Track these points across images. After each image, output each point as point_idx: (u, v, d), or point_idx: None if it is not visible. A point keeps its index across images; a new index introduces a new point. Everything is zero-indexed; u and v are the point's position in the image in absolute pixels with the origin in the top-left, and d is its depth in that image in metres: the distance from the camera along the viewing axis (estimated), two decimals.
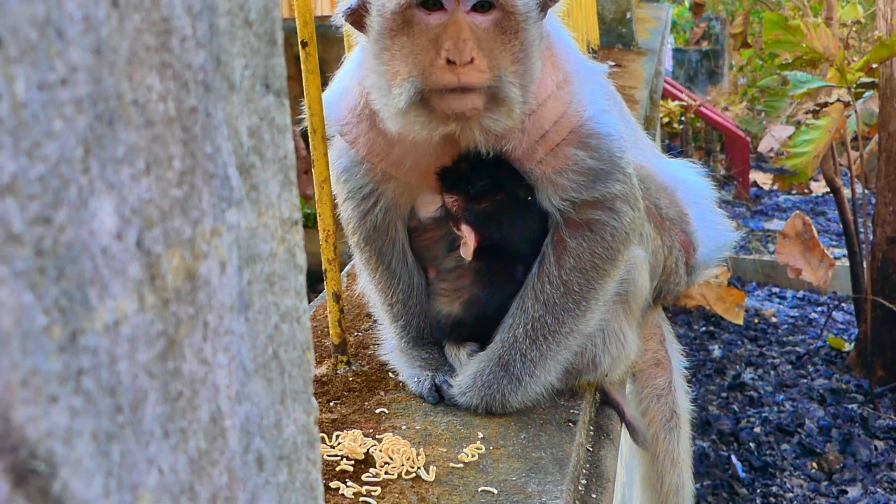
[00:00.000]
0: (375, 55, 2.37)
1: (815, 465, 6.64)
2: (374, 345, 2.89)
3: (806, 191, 12.67)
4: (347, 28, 2.49)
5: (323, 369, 2.78)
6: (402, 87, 2.32)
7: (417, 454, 2.30)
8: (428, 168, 2.55)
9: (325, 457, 2.29)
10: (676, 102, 11.88)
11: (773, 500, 6.31)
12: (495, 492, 2.18)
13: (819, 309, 9.38)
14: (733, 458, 6.70)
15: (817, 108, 7.21)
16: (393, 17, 2.32)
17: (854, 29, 7.58)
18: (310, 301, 3.18)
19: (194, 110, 0.83)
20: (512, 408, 2.53)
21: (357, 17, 2.40)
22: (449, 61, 2.26)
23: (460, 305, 2.66)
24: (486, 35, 2.31)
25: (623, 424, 2.86)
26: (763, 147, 13.25)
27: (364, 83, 2.46)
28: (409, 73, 2.31)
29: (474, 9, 2.30)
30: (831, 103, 7.05)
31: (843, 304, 9.15)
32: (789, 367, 8.07)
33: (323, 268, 2.71)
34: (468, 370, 2.57)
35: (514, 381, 2.52)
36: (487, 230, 2.55)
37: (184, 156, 0.82)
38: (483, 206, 2.54)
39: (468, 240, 2.54)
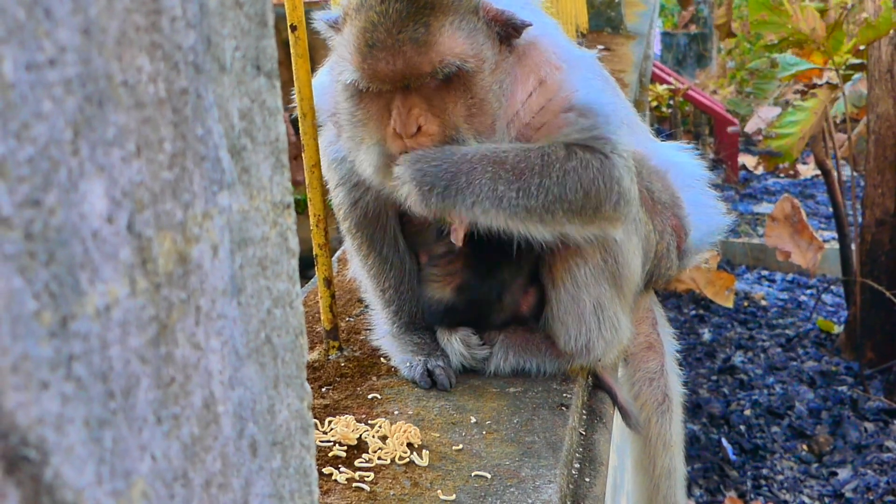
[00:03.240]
0: (348, 114, 2.45)
1: (805, 447, 6.67)
2: (366, 330, 2.89)
3: (791, 173, 12.68)
4: (328, 34, 2.48)
5: (315, 355, 2.77)
6: (367, 153, 2.42)
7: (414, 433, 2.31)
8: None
9: (317, 442, 2.28)
10: (665, 86, 11.87)
11: (763, 482, 6.34)
12: (489, 476, 2.18)
13: (808, 292, 9.41)
14: (724, 440, 6.72)
15: (805, 90, 7.21)
16: (348, 87, 2.39)
17: (843, 11, 7.57)
18: (301, 286, 3.17)
19: (185, 92, 0.82)
20: (443, 203, 2.36)
21: (338, 29, 2.42)
22: (397, 132, 2.34)
23: (452, 291, 2.66)
24: (436, 95, 2.34)
25: (615, 408, 2.86)
26: (750, 128, 13.25)
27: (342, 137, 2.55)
28: (372, 140, 2.40)
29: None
30: (820, 85, 7.06)
31: (832, 287, 9.18)
32: (779, 349, 8.09)
33: (314, 253, 2.70)
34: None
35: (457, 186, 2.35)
36: None
37: (174, 138, 0.81)
38: None
39: (457, 226, 2.54)
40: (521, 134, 2.44)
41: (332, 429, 2.35)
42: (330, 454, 2.27)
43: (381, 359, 2.75)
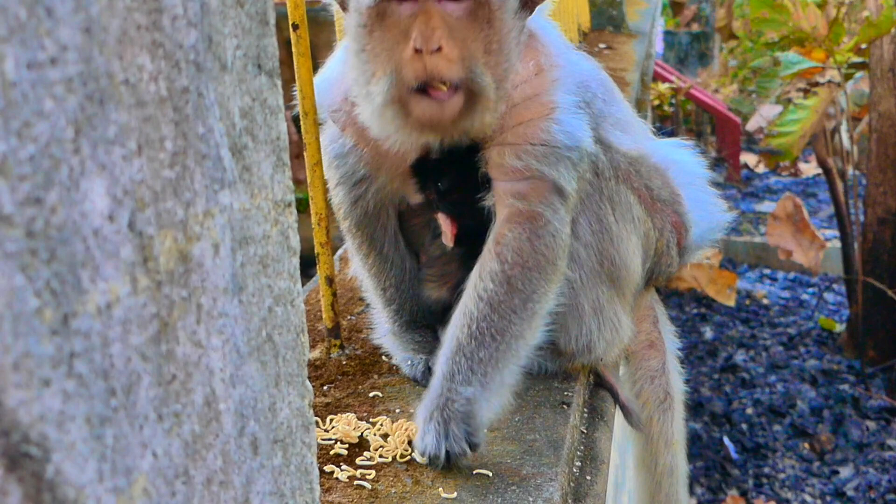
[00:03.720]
0: (355, 53, 2.32)
1: (806, 445, 6.66)
2: (368, 328, 2.89)
3: (793, 171, 12.68)
4: (336, 9, 2.46)
5: (316, 353, 2.77)
6: (377, 86, 2.26)
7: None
8: (414, 154, 2.53)
9: (319, 440, 2.28)
10: (667, 85, 11.86)
11: (765, 480, 6.34)
12: (490, 474, 2.18)
13: (810, 290, 9.40)
14: (726, 439, 6.72)
15: (807, 88, 7.21)
16: (368, 11, 2.27)
17: (843, 9, 7.57)
18: (303, 285, 3.17)
19: (186, 90, 0.82)
20: (479, 425, 2.24)
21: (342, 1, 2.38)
22: (417, 50, 2.20)
23: (448, 291, 2.66)
24: (458, 24, 2.26)
25: (617, 406, 2.86)
26: (752, 126, 13.25)
27: (348, 80, 2.43)
28: (384, 72, 2.25)
29: None
30: (822, 84, 7.06)
31: (834, 286, 9.17)
32: (781, 348, 8.09)
33: (315, 252, 2.70)
34: (418, 423, 2.28)
35: (471, 396, 2.26)
36: (461, 219, 2.55)
37: (175, 136, 0.81)
38: (454, 197, 2.54)
39: (445, 228, 2.55)
40: (507, 120, 2.41)
41: (333, 427, 2.35)
42: (331, 452, 2.27)
43: (383, 357, 2.75)
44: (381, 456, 2.25)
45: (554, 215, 2.41)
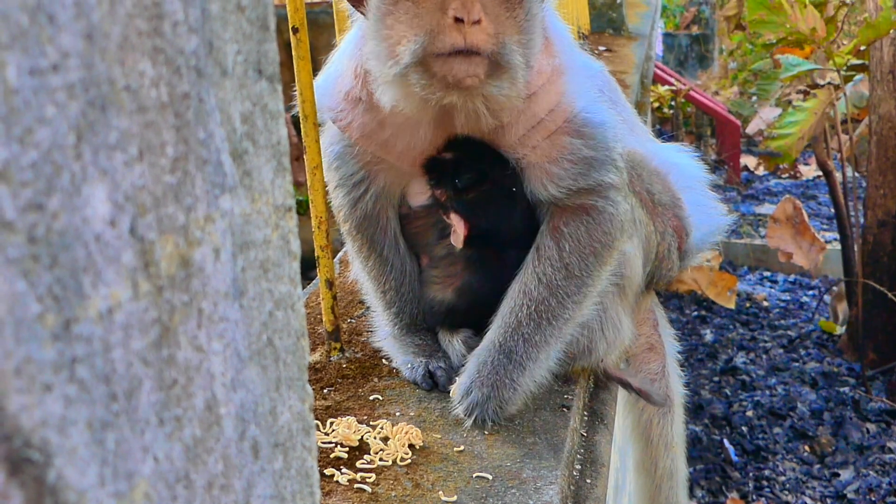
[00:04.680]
0: (378, 19, 2.31)
1: (807, 448, 6.66)
2: (368, 332, 2.89)
3: (793, 173, 12.68)
4: (343, 7, 2.46)
5: (316, 356, 2.78)
6: (405, 47, 2.26)
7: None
8: (419, 151, 2.53)
9: (319, 444, 2.29)
10: (667, 87, 11.87)
11: (765, 483, 6.33)
12: (490, 477, 2.18)
13: (810, 292, 9.40)
14: (726, 442, 6.72)
15: (807, 90, 7.21)
16: None
17: (843, 10, 7.56)
18: (303, 288, 3.17)
19: (187, 96, 0.83)
20: (520, 398, 2.47)
21: None
22: (457, 20, 2.20)
23: (453, 292, 2.66)
24: (490, 2, 2.28)
25: (621, 405, 2.86)
26: (751, 129, 13.26)
27: (363, 51, 2.40)
28: (413, 36, 2.24)
29: None
30: (822, 86, 7.06)
31: (834, 288, 9.17)
32: (781, 350, 8.09)
33: (315, 255, 2.70)
34: (467, 369, 2.51)
35: (519, 367, 2.47)
36: (476, 219, 2.55)
37: (177, 142, 0.81)
38: (470, 196, 2.53)
39: (458, 228, 2.54)
40: (532, 133, 2.44)
41: (333, 430, 2.35)
42: (332, 455, 2.27)
43: (383, 360, 2.76)
44: (381, 459, 2.25)
45: (607, 203, 2.50)
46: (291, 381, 1.03)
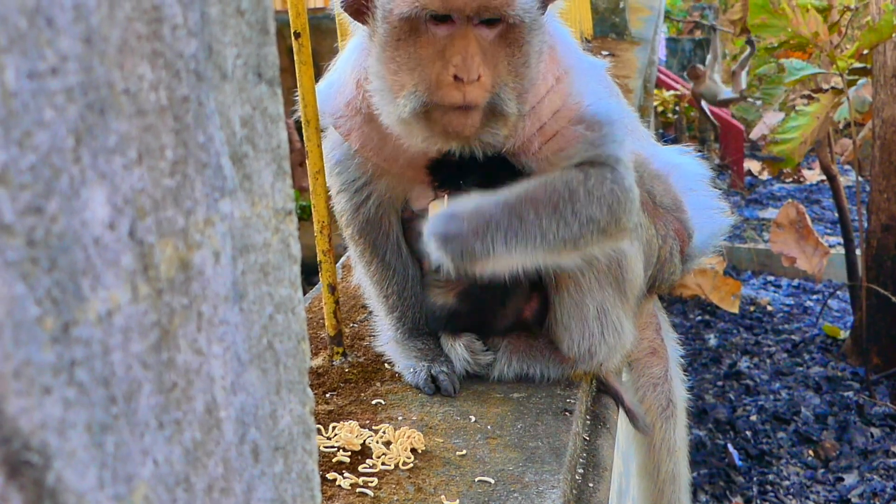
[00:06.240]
0: (380, 61, 2.34)
1: (811, 452, 6.65)
2: (370, 336, 2.89)
3: (796, 177, 12.67)
4: (343, 17, 2.47)
5: (319, 361, 2.78)
6: (407, 98, 2.29)
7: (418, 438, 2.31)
8: (421, 163, 2.54)
9: (321, 448, 2.29)
10: (670, 92, 11.87)
11: (769, 487, 6.33)
12: (492, 482, 2.18)
13: (814, 297, 9.40)
14: (730, 446, 6.71)
15: (811, 95, 7.21)
16: (400, 24, 2.28)
17: (847, 15, 7.56)
18: (305, 293, 3.17)
19: (186, 99, 0.83)
20: (483, 263, 2.38)
21: (356, 8, 2.38)
22: (456, 78, 2.24)
23: (455, 297, 2.66)
24: (490, 48, 2.29)
25: (621, 411, 2.86)
26: (755, 134, 13.26)
27: (366, 85, 2.43)
28: (414, 86, 2.28)
29: (482, 22, 2.28)
30: (826, 90, 7.06)
31: (838, 292, 9.16)
32: (785, 355, 8.08)
33: (318, 259, 2.71)
34: (466, 198, 2.42)
35: (502, 234, 2.37)
36: None
37: (176, 145, 0.81)
38: None
39: None
40: (535, 138, 2.44)
41: (336, 434, 2.35)
42: (334, 459, 2.27)
43: (385, 365, 2.76)
44: (383, 463, 2.25)
45: (614, 171, 2.44)
46: (292, 384, 1.03)
